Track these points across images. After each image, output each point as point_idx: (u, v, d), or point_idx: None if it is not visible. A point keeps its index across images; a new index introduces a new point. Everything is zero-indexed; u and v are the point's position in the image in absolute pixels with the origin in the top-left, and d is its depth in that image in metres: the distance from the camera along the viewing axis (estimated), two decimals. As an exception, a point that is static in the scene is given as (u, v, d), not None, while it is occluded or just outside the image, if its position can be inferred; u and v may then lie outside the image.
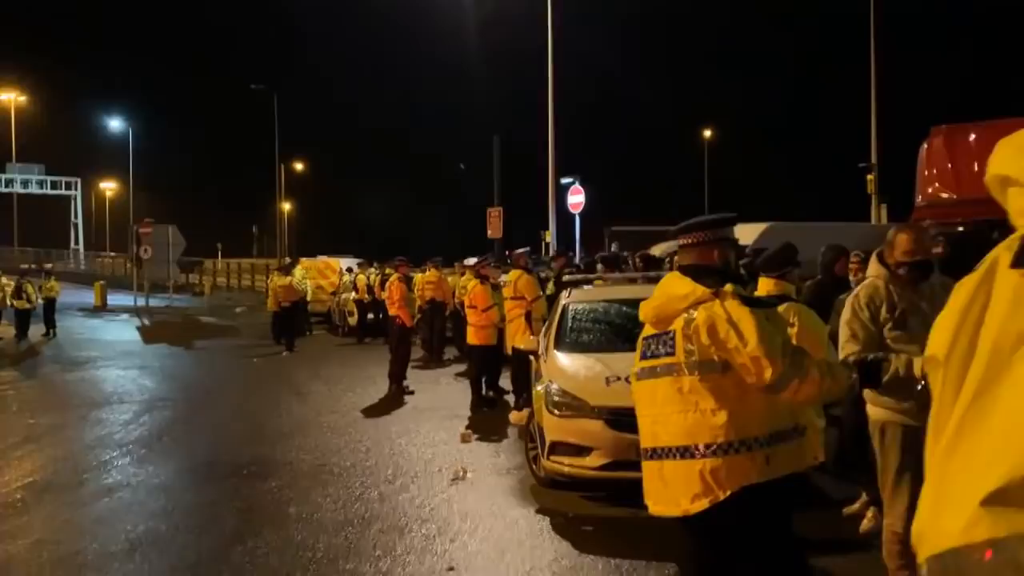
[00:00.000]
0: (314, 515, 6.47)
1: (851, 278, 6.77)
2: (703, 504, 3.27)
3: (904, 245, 4.17)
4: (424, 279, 16.05)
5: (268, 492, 7.22)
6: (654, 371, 3.56)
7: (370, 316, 19.63)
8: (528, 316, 10.24)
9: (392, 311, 12.72)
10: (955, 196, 8.54)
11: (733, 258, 3.88)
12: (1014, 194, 1.11)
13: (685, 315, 3.47)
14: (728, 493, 3.24)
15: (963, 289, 1.08)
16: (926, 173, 9.06)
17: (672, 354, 3.47)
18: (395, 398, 11.87)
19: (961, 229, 7.85)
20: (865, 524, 5.59)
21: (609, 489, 6.41)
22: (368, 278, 19.78)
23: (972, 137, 8.73)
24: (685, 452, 3.34)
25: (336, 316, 22.53)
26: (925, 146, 10.37)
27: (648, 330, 3.67)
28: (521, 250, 12.11)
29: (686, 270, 3.63)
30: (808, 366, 3.29)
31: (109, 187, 71.42)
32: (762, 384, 3.24)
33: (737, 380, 3.31)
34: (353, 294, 20.64)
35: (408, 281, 13.40)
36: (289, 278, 19.81)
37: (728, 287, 3.44)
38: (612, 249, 22.58)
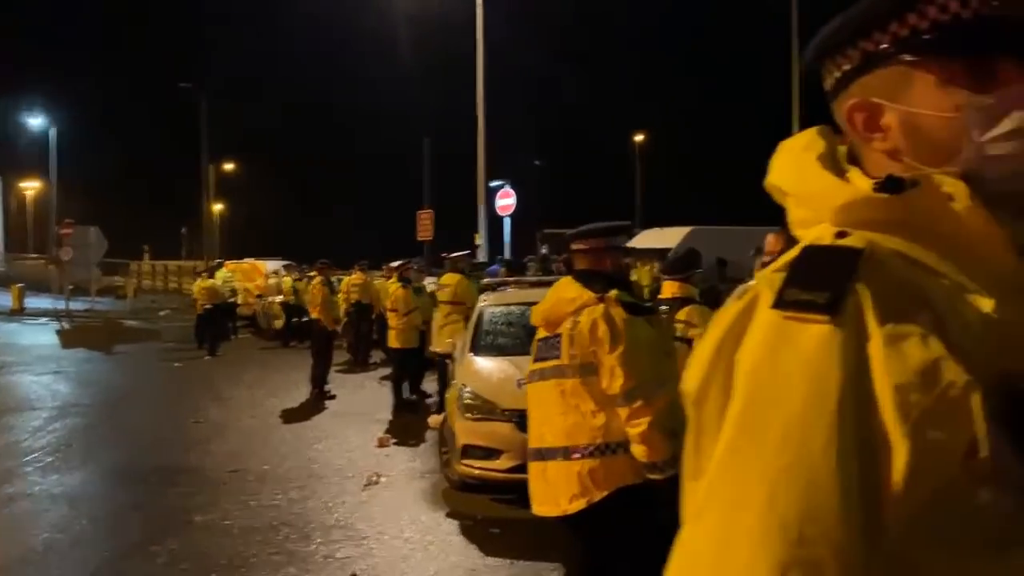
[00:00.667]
0: (221, 522, 6.37)
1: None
2: (580, 504, 3.34)
3: (771, 245, 4.27)
4: (350, 282, 15.91)
5: (175, 499, 7.08)
6: (543, 373, 3.63)
7: (295, 320, 19.37)
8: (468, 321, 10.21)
9: (313, 314, 12.60)
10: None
11: (624, 264, 3.98)
12: (790, 205, 1.08)
13: (572, 318, 3.54)
14: (604, 494, 3.32)
15: (723, 319, 0.96)
16: None
17: (559, 357, 3.54)
18: (316, 402, 11.75)
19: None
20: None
21: (518, 491, 6.43)
22: (294, 281, 19.53)
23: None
24: (566, 453, 3.41)
25: (262, 319, 22.19)
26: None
27: (540, 333, 3.74)
28: (460, 254, 12.08)
29: (577, 275, 3.71)
30: (655, 403, 3.35)
31: (31, 186, 69.09)
32: (611, 392, 3.34)
33: None
34: (279, 297, 20.37)
35: (331, 284, 13.26)
36: (212, 280, 19.45)
37: (613, 292, 3.54)
38: (543, 251, 22.72)
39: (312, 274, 15.73)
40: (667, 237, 17.48)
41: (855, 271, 0.90)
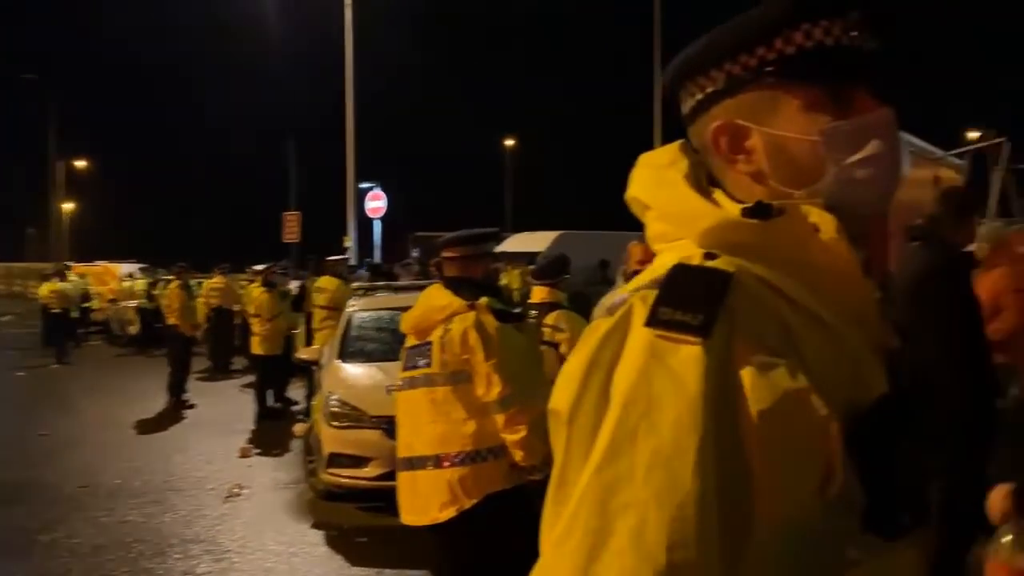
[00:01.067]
0: (69, 540, 6.01)
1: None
2: (451, 512, 3.33)
3: (637, 255, 4.38)
4: (210, 285, 15.32)
5: (18, 518, 6.61)
6: (413, 381, 3.60)
7: (155, 325, 18.50)
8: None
9: (171, 320, 12.07)
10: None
11: (493, 271, 3.99)
12: (651, 219, 1.08)
13: (442, 326, 3.53)
14: (475, 501, 3.32)
15: (594, 335, 0.95)
16: None
17: (429, 365, 3.53)
18: (173, 412, 11.26)
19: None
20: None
21: (387, 499, 6.34)
22: (150, 285, 18.66)
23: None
24: (436, 461, 3.39)
25: (115, 325, 21.08)
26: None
27: (410, 341, 3.71)
28: (339, 257, 11.80)
29: (447, 282, 3.70)
30: (531, 408, 3.35)
31: None
32: (489, 399, 3.36)
33: None
34: (134, 302, 19.41)
35: (190, 288, 12.73)
36: (63, 284, 18.34)
37: (484, 300, 3.54)
38: (414, 255, 22.58)
39: (169, 278, 15.07)
40: (536, 241, 17.69)
41: (725, 295, 0.91)
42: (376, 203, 23.17)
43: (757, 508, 0.87)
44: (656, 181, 1.07)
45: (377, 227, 23.85)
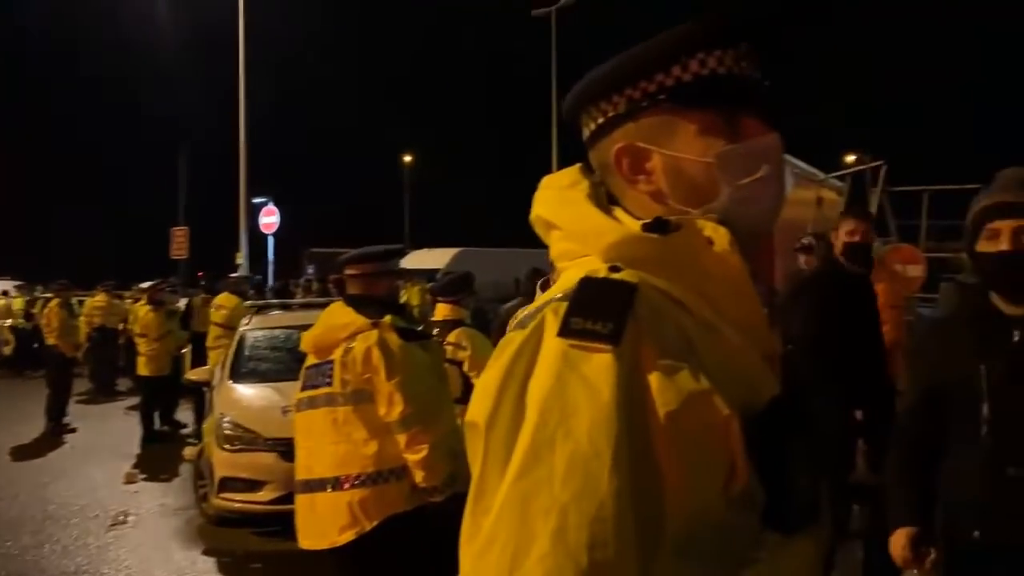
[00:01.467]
0: (-66, 579, 5.59)
1: None
2: (350, 535, 3.27)
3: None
4: (92, 304, 14.66)
5: None
6: (313, 401, 3.52)
7: (33, 345, 17.52)
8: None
9: (50, 340, 11.45)
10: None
11: (397, 288, 3.94)
12: (556, 238, 1.13)
13: (344, 344, 3.46)
14: (375, 523, 3.27)
15: (508, 347, 0.99)
16: None
17: (330, 384, 3.46)
18: (53, 436, 10.66)
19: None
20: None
21: (283, 523, 6.16)
22: (27, 303, 17.70)
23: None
24: (336, 484, 3.32)
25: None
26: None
27: (310, 360, 3.63)
28: (240, 275, 11.44)
29: (349, 300, 3.63)
30: (434, 428, 3.36)
31: None
32: (390, 419, 3.32)
33: None
34: (8, 321, 18.35)
35: (71, 307, 12.13)
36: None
37: (388, 318, 3.50)
38: (310, 271, 22.17)
39: (48, 296, 14.33)
40: (436, 258, 17.68)
41: (632, 304, 0.96)
42: (270, 218, 22.67)
43: (669, 506, 0.92)
44: (560, 201, 1.12)
45: (271, 243, 23.34)
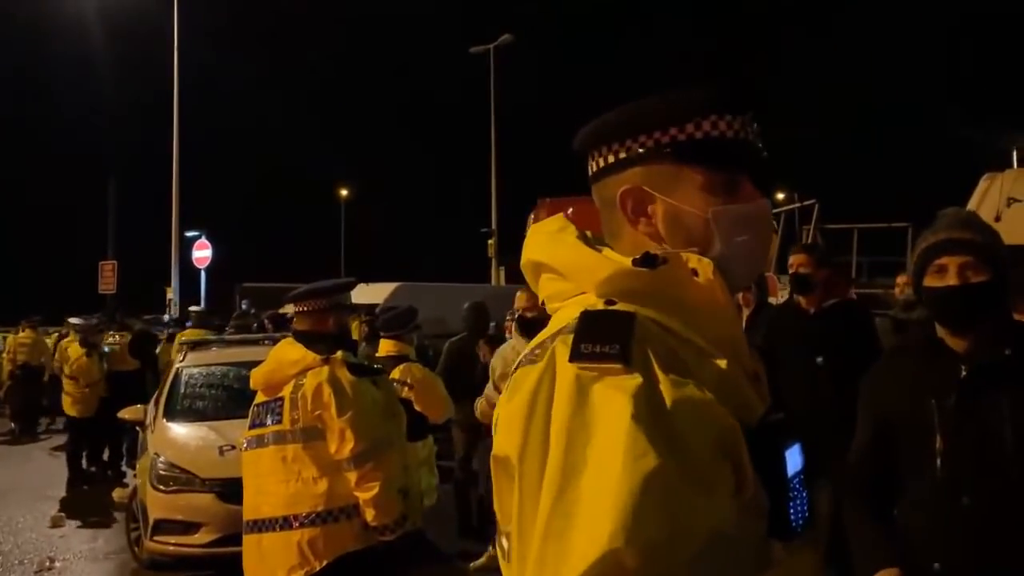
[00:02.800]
0: None
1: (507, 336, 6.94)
2: None
3: (523, 301, 4.93)
4: (17, 340, 14.11)
5: None
6: (262, 440, 3.46)
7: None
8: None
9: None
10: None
11: (348, 324, 3.90)
12: (547, 279, 1.20)
13: (294, 381, 3.41)
14: (324, 563, 3.22)
15: (526, 382, 1.06)
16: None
17: (280, 422, 3.41)
18: (-29, 479, 10.19)
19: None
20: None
21: (219, 567, 5.99)
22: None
23: (571, 210, 9.76)
24: (284, 523, 3.26)
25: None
26: (532, 215, 11.45)
27: (259, 397, 3.59)
28: (201, 308, 11.18)
29: (299, 336, 3.58)
30: (386, 465, 3.33)
31: None
32: (341, 456, 3.28)
33: None
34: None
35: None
36: None
37: (339, 354, 3.46)
38: (243, 307, 21.77)
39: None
40: (374, 293, 17.51)
41: (633, 329, 1.04)
42: (203, 252, 22.29)
43: (691, 514, 0.97)
44: (552, 243, 1.21)
45: (203, 277, 22.88)
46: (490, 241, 25.01)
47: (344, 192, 42.66)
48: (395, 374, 5.35)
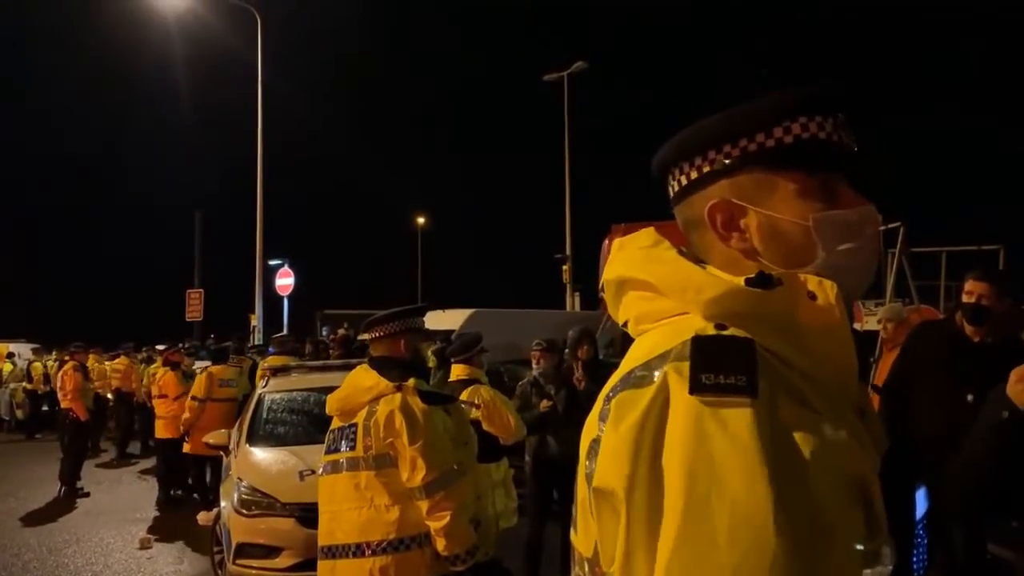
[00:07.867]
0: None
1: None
2: None
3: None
4: (111, 367, 14.66)
5: None
6: (337, 465, 3.48)
7: (43, 408, 17.50)
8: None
9: (65, 404, 11.40)
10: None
11: (423, 348, 3.92)
12: (634, 299, 1.12)
13: (368, 408, 3.43)
14: None
15: (632, 410, 0.97)
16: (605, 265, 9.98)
17: (354, 448, 3.42)
18: (66, 501, 10.57)
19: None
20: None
21: (299, 590, 6.06)
22: (44, 366, 17.72)
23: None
24: (358, 550, 3.27)
25: (3, 408, 19.85)
26: (606, 241, 11.43)
27: (335, 423, 3.61)
28: (284, 335, 11.53)
29: (373, 362, 3.62)
30: (457, 494, 3.33)
31: None
32: (413, 485, 3.27)
33: None
34: (25, 384, 18.35)
35: (85, 369, 12.12)
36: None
37: (411, 381, 3.47)
38: (323, 333, 22.14)
39: (64, 358, 14.36)
40: (449, 319, 17.64)
41: (755, 358, 0.95)
42: (286, 280, 22.79)
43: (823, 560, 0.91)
44: (647, 259, 1.12)
45: (286, 304, 23.41)
46: (565, 267, 24.95)
47: (421, 220, 43.27)
48: (464, 396, 5.38)
